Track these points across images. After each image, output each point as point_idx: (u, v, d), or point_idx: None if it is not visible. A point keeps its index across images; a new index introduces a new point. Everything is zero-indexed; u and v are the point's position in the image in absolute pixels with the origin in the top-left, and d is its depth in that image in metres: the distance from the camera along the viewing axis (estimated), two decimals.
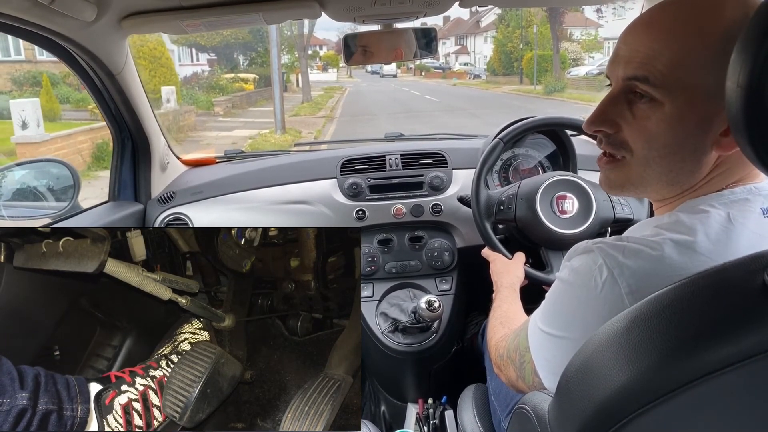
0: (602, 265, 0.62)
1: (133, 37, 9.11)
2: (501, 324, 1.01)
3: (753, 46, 0.43)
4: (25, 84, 13.58)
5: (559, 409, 0.59)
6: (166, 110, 11.33)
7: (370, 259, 1.54)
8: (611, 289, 0.60)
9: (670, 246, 0.59)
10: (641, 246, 0.61)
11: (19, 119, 7.19)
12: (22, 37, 1.13)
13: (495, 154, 1.37)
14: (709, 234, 0.60)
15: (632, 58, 0.62)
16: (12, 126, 7.47)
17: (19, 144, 7.22)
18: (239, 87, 19.39)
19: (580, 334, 0.63)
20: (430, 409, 1.45)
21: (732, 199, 0.62)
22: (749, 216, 0.61)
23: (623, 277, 0.60)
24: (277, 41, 12.85)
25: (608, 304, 0.60)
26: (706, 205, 0.62)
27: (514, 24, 27.84)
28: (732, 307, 0.47)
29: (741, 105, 0.45)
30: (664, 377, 0.47)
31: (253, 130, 12.10)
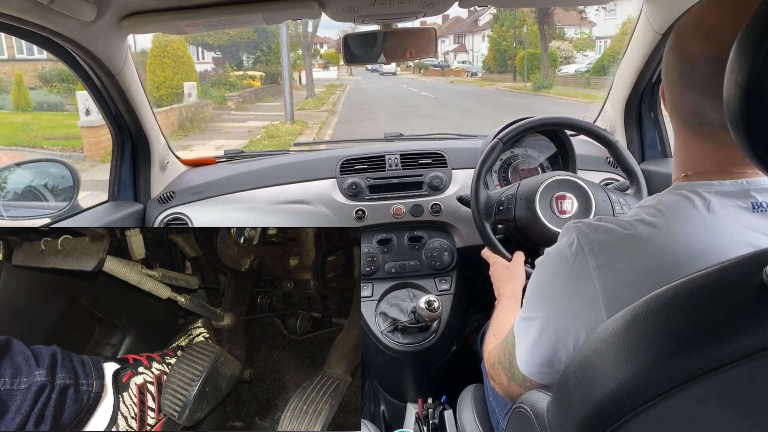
0: (575, 241, 0.65)
1: (159, 38, 9.25)
2: (494, 335, 1.00)
3: (752, 45, 0.43)
4: (53, 80, 14.99)
5: (558, 407, 0.59)
6: (188, 103, 13.11)
7: (369, 259, 1.54)
8: (581, 264, 0.63)
9: (642, 227, 0.62)
10: (614, 225, 0.64)
11: (83, 107, 8.52)
12: (21, 37, 1.13)
13: (494, 154, 1.37)
14: (681, 218, 0.62)
15: None
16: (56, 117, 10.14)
17: (83, 127, 8.65)
18: (247, 84, 20.58)
19: (553, 311, 0.67)
20: (430, 409, 1.45)
21: (719, 190, 0.64)
22: (731, 208, 0.62)
23: (593, 252, 0.63)
24: (287, 40, 13.88)
25: (578, 278, 0.63)
26: (689, 191, 0.64)
27: (508, 23, 28.45)
28: (730, 306, 0.47)
29: (739, 104, 0.45)
30: (663, 376, 0.47)
31: (264, 122, 13.32)
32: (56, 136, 10.16)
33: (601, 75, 19.45)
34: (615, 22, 23.83)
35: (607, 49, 24.61)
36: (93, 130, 8.51)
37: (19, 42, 14.70)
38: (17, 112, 12.57)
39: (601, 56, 23.50)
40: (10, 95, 13.16)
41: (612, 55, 19.81)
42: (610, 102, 1.75)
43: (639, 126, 1.69)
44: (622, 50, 1.65)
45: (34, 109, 12.80)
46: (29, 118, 10.91)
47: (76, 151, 9.10)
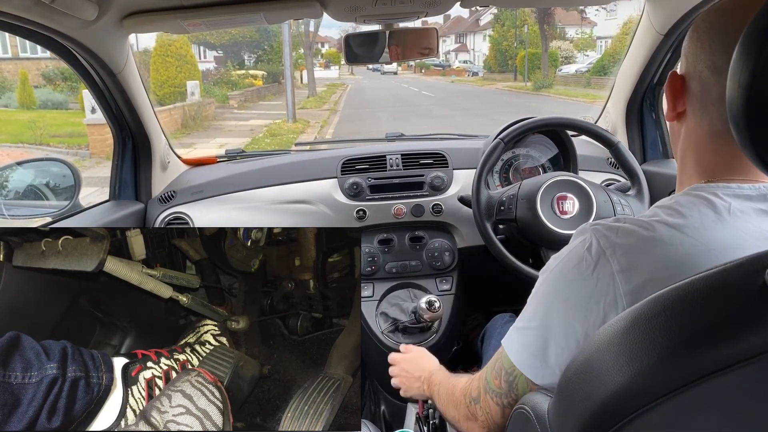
0: (594, 244, 0.63)
1: (162, 37, 9.25)
2: (457, 378, 0.93)
3: (755, 46, 0.43)
4: (56, 79, 15.08)
5: (560, 409, 0.58)
6: (191, 102, 13.03)
7: (370, 259, 1.54)
8: (603, 267, 0.62)
9: (662, 228, 0.61)
10: (635, 226, 0.63)
11: (89, 105, 8.49)
12: (23, 36, 1.13)
13: (496, 155, 1.37)
14: (702, 220, 0.61)
15: None
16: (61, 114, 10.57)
17: (89, 125, 8.73)
18: (249, 83, 20.67)
19: (573, 316, 0.64)
20: (430, 409, 1.45)
21: (738, 193, 0.63)
22: (751, 212, 0.61)
23: (615, 256, 0.61)
24: (289, 39, 13.96)
25: (600, 282, 0.61)
26: (708, 193, 0.63)
27: (509, 23, 28.56)
28: (732, 307, 0.47)
29: (742, 105, 0.45)
30: (664, 377, 0.46)
31: (266, 120, 13.40)
32: (62, 133, 10.22)
33: (601, 75, 19.49)
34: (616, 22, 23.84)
35: (607, 49, 24.62)
36: (99, 127, 8.49)
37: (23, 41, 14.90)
38: (22, 110, 12.71)
39: (602, 56, 23.52)
40: (15, 93, 13.31)
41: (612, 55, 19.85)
42: (611, 102, 1.75)
43: (640, 127, 1.69)
44: (623, 50, 1.65)
45: (39, 107, 12.94)
46: (34, 116, 11.00)
47: (81, 149, 9.19)
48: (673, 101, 0.69)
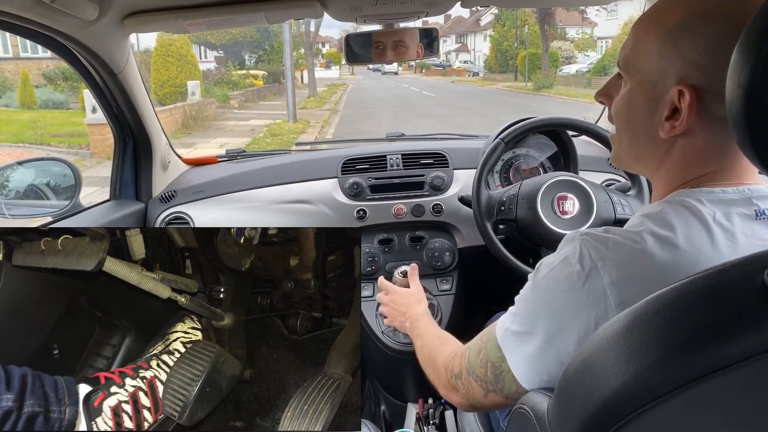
0: (585, 255, 0.63)
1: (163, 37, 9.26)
2: (441, 344, 0.95)
3: (754, 45, 0.43)
4: (57, 79, 15.12)
5: (559, 409, 0.58)
6: (192, 102, 13.06)
7: (370, 259, 1.54)
8: (594, 280, 0.62)
9: (652, 240, 0.61)
10: (624, 239, 0.63)
11: (90, 104, 8.61)
12: (24, 36, 1.13)
13: (496, 155, 1.37)
14: (688, 231, 0.61)
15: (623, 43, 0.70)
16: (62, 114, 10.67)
17: (90, 125, 8.73)
18: (250, 83, 20.71)
19: (558, 327, 0.64)
20: (431, 409, 1.45)
21: (722, 198, 0.63)
22: (736, 217, 0.62)
23: (606, 268, 0.61)
24: (290, 39, 13.95)
25: (591, 294, 0.62)
26: (693, 200, 0.63)
27: (510, 23, 28.57)
28: (731, 307, 0.47)
29: (741, 104, 0.45)
30: (663, 377, 0.47)
31: (267, 120, 13.40)
32: (62, 133, 10.24)
33: (601, 75, 19.45)
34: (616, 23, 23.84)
35: (608, 50, 24.61)
36: (99, 127, 8.50)
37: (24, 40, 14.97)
38: (23, 109, 12.73)
39: (602, 56, 23.50)
40: (16, 93, 13.33)
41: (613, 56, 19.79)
42: None
43: None
44: None
45: (40, 106, 12.97)
46: (35, 116, 11.03)
47: (82, 148, 9.19)
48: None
